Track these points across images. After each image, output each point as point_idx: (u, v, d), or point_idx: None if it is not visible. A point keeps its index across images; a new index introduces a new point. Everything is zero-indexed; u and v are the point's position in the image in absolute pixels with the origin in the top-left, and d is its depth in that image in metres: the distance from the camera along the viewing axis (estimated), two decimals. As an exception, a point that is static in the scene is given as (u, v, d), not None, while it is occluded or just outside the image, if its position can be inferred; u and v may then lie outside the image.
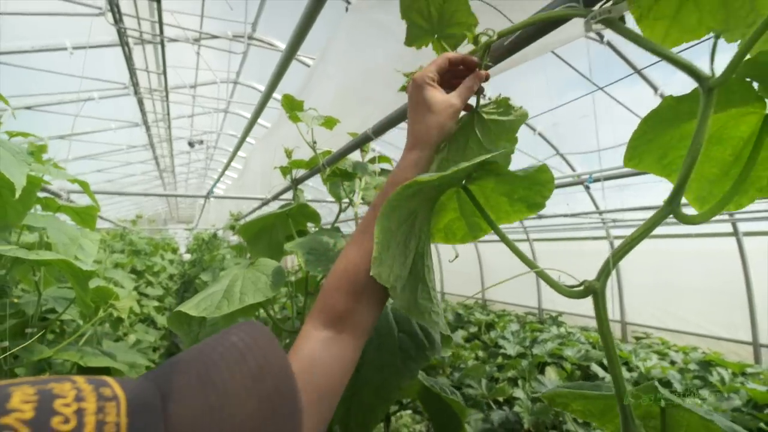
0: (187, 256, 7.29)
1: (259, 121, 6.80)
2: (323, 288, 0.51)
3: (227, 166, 3.31)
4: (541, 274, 0.41)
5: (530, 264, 0.43)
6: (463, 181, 0.58)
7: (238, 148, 2.51)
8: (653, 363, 3.66)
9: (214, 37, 4.31)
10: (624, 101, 4.10)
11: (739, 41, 0.37)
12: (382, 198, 0.52)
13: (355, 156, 1.07)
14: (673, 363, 3.93)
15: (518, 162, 0.46)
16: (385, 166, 1.01)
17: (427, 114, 0.52)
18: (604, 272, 0.38)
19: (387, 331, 0.64)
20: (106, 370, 1.26)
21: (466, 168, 0.52)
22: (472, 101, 0.59)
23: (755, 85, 0.37)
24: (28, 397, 0.22)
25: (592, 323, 6.20)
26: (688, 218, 0.35)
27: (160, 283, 4.09)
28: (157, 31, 3.16)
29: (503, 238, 0.49)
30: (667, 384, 3.28)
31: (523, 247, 7.24)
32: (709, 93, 0.32)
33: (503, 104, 0.56)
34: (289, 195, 2.91)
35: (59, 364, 1.39)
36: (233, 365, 0.30)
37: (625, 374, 3.44)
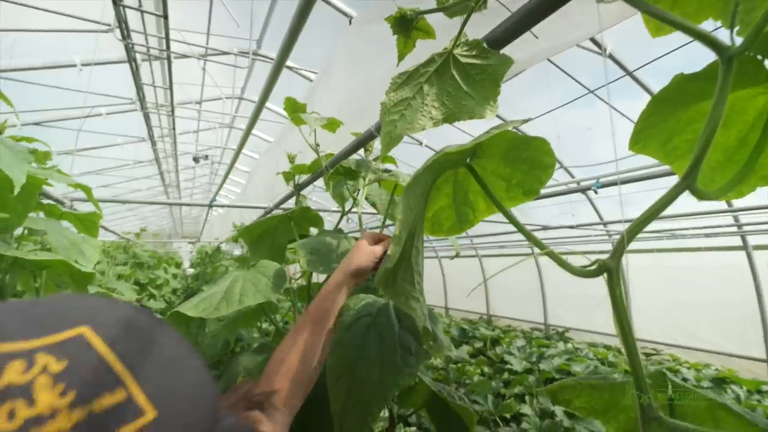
0: (191, 271, 7.26)
1: (262, 135, 6.85)
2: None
3: (229, 171, 3.34)
4: (552, 255, 0.40)
5: (539, 245, 0.41)
6: (468, 159, 0.56)
7: (238, 152, 2.53)
8: (664, 379, 3.55)
9: (220, 53, 4.39)
10: (628, 114, 4.11)
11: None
12: (316, 310, 0.61)
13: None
14: (685, 380, 3.82)
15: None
16: (389, 166, 0.99)
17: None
18: (618, 250, 0.36)
19: (387, 327, 0.61)
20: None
21: (481, 138, 0.50)
22: (448, 42, 0.55)
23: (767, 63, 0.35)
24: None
25: (600, 339, 6.07)
26: (704, 194, 0.33)
27: (163, 296, 4.06)
28: (164, 47, 3.22)
29: (507, 216, 0.47)
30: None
31: (529, 262, 7.15)
32: (729, 63, 0.31)
33: (475, 46, 0.53)
34: (291, 203, 2.93)
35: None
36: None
37: (636, 391, 3.34)
